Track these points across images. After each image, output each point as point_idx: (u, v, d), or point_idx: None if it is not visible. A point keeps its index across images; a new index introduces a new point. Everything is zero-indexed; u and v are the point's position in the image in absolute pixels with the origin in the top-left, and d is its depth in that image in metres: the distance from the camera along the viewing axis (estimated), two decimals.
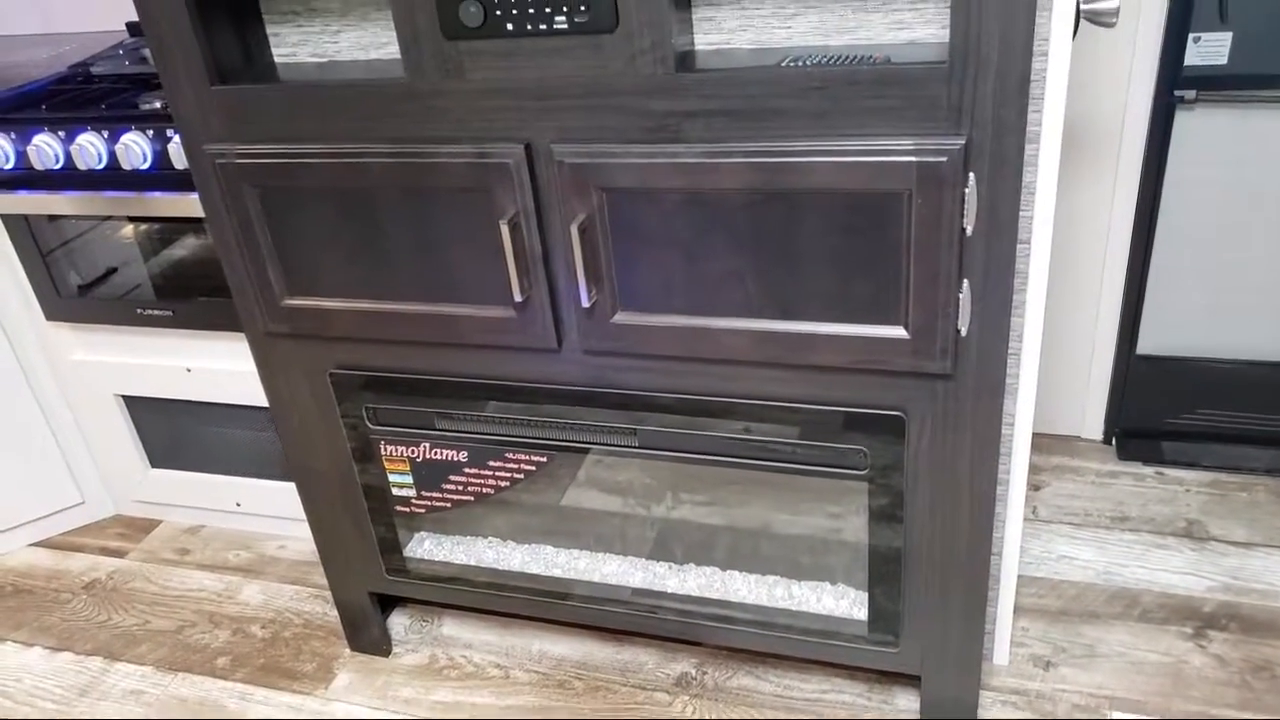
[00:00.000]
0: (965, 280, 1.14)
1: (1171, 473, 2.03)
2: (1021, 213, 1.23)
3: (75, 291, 1.90)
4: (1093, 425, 2.14)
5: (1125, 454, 2.08)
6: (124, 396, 2.03)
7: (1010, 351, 1.36)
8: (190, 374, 1.93)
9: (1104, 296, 2.01)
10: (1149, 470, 2.05)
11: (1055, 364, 2.12)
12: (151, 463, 2.12)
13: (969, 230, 1.10)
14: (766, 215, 1.16)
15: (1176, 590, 1.75)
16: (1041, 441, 2.17)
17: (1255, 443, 2.01)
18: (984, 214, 1.10)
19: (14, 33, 2.34)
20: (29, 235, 1.86)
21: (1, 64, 2.08)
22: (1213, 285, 1.90)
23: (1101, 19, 1.22)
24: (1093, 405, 2.12)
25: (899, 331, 1.18)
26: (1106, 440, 2.13)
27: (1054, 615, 1.72)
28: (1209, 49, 1.69)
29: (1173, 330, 1.97)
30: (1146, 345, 1.99)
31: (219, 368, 1.90)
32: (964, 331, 1.17)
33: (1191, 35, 1.68)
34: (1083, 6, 1.22)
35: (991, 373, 1.20)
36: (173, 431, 2.05)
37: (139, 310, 1.87)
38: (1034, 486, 2.03)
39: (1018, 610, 1.74)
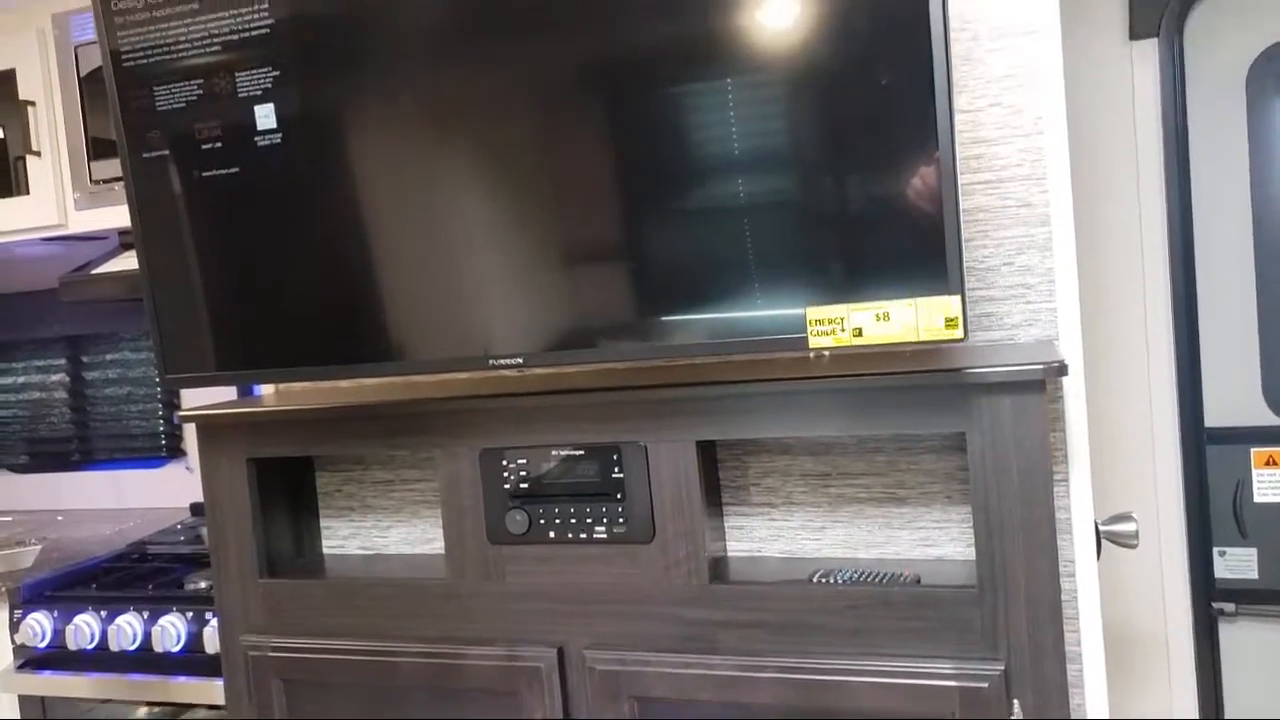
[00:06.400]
0: None
1: None
2: None
3: None
4: None
5: None
6: None
7: None
8: None
9: None
10: None
11: None
12: None
13: None
14: None
15: None
16: None
17: None
18: None
19: (87, 506, 2.49)
20: (40, 712, 1.81)
21: (66, 538, 2.18)
22: None
23: (1122, 540, 1.25)
24: None
25: None
26: None
27: None
28: (1236, 563, 1.71)
29: None
30: None
31: None
32: None
33: (1216, 550, 1.72)
34: (1102, 529, 1.26)
35: None
36: None
37: None
38: None
39: None
